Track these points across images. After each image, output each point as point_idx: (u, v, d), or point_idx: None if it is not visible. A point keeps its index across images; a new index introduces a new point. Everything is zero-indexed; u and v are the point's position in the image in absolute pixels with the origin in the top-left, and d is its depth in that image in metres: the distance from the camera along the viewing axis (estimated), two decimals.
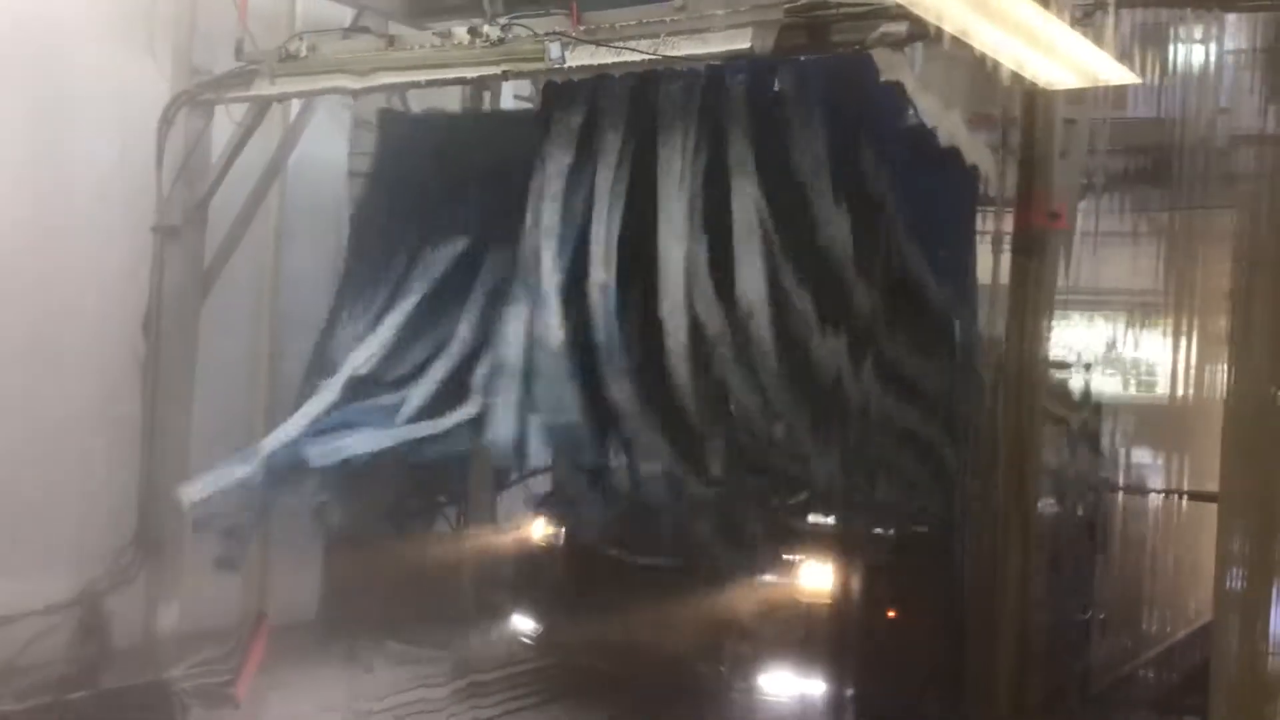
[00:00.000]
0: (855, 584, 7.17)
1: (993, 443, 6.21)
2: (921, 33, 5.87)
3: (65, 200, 8.32)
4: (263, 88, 8.11)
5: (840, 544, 7.26)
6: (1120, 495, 7.70)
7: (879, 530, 7.39)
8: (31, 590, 7.88)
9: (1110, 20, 5.52)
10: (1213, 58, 7.11)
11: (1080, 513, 7.31)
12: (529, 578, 8.61)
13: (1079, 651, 7.37)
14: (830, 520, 7.43)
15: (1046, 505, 6.31)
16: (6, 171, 8.04)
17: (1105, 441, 7.76)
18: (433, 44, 7.42)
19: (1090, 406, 7.71)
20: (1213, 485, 5.99)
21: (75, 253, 8.40)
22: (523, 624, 8.43)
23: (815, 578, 7.30)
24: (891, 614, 7.16)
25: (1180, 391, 7.38)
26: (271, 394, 9.53)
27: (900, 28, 6.07)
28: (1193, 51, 7.10)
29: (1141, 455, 7.93)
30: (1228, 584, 5.69)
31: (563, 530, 8.32)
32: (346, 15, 8.78)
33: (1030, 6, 5.20)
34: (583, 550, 8.11)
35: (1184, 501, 7.38)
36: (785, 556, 7.40)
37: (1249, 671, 5.50)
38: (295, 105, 8.86)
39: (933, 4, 5.22)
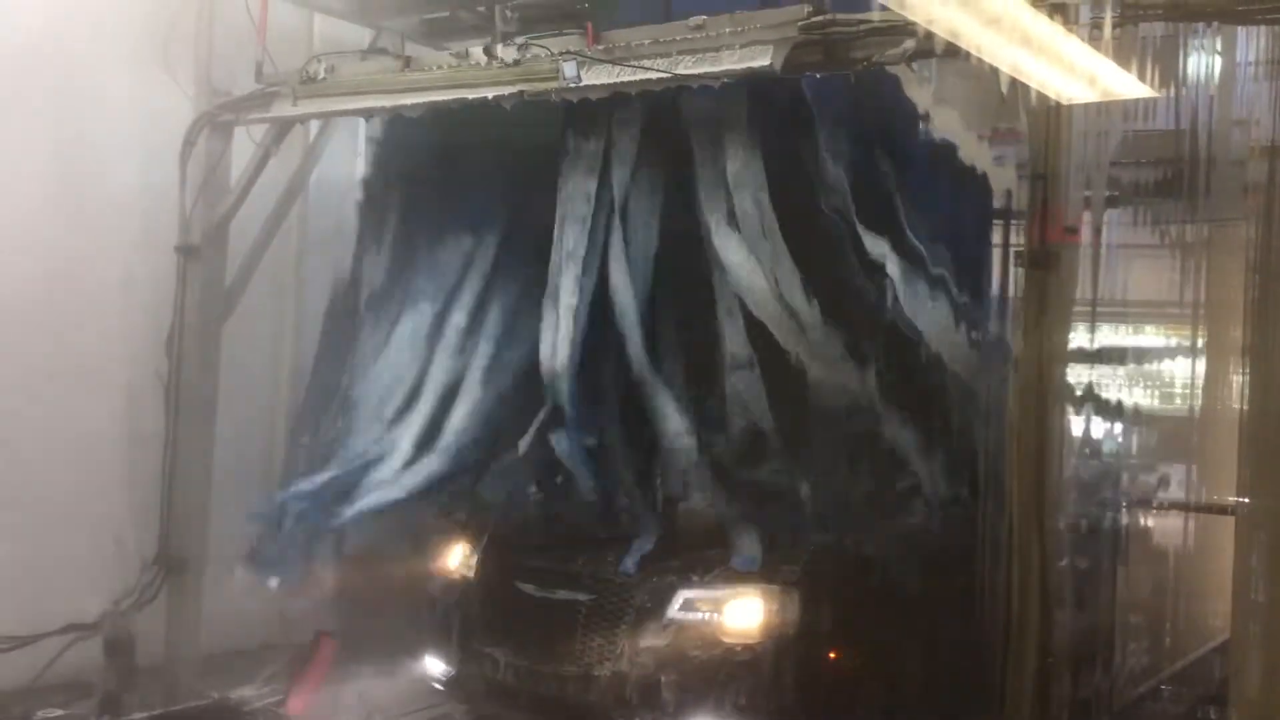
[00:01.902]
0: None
1: (1009, 459, 6.16)
2: (937, 49, 5.89)
3: (89, 221, 8.43)
4: (283, 109, 8.20)
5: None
6: (1138, 509, 7.67)
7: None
8: (52, 609, 7.96)
9: (1122, 33, 5.53)
10: (1227, 69, 7.11)
11: (1099, 526, 7.26)
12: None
13: (1103, 666, 7.31)
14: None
15: (1064, 519, 6.27)
16: (33, 195, 8.16)
17: (1121, 454, 7.72)
18: (449, 64, 7.47)
19: (1105, 420, 7.66)
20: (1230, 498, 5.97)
21: (99, 273, 8.52)
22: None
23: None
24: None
25: (1197, 403, 7.36)
26: (293, 411, 9.60)
27: (915, 44, 6.09)
28: (1208, 63, 7.10)
29: (1159, 468, 7.91)
30: (1245, 597, 5.66)
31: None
32: (364, 37, 8.88)
33: (1043, 21, 5.22)
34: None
35: (1199, 515, 7.32)
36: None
37: (1269, 687, 5.46)
38: (314, 126, 8.96)
39: (948, 21, 5.23)
